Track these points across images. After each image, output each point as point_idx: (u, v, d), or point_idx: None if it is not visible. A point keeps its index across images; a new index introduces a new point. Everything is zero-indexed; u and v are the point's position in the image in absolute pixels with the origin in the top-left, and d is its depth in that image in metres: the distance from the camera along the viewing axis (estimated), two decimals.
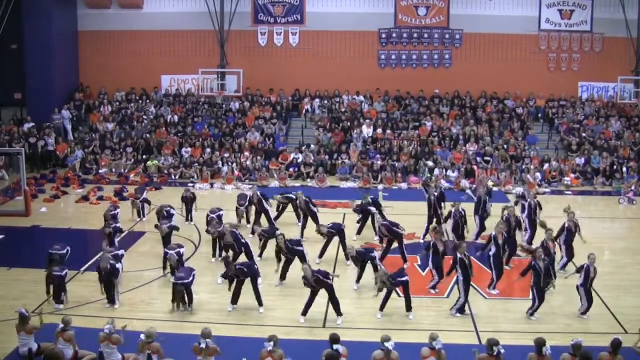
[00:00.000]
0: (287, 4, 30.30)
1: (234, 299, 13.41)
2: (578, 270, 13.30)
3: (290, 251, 14.81)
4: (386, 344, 9.75)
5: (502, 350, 9.73)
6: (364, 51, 30.46)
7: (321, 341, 10.38)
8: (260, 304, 13.37)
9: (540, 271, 12.98)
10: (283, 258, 14.96)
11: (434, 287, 14.59)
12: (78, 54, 30.91)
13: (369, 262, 14.54)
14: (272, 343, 9.93)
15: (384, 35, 30.40)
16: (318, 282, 12.73)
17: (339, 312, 12.93)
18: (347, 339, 11.27)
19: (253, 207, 18.64)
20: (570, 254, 15.66)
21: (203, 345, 10.18)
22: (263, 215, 18.43)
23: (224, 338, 10.86)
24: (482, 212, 17.96)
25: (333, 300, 12.89)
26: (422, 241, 17.85)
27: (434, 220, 17.97)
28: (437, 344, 10.02)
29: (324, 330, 12.15)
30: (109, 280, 13.36)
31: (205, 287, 14.41)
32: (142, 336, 10.22)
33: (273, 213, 18.82)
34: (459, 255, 13.14)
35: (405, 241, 16.56)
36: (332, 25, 30.03)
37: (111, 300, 13.49)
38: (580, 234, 15.74)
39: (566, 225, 15.65)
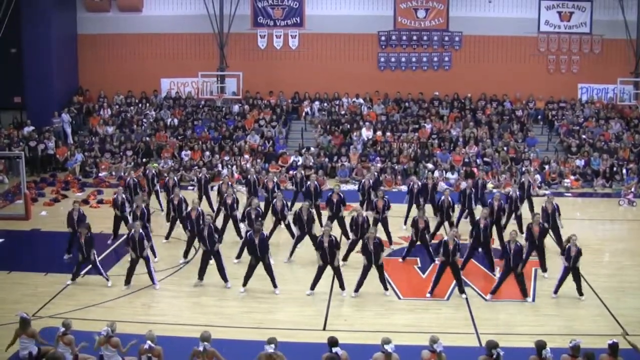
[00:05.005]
0: (286, 7, 30.33)
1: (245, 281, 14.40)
2: (562, 253, 14.00)
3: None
4: (386, 347, 9.72)
5: (502, 353, 9.71)
6: (364, 54, 30.50)
7: (321, 344, 10.36)
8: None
9: (509, 252, 13.68)
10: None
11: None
12: (77, 57, 30.94)
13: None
14: (272, 346, 9.89)
15: (383, 38, 30.43)
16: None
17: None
18: (348, 341, 11.25)
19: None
20: (557, 238, 16.46)
21: (201, 349, 10.14)
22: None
23: (224, 341, 10.81)
24: (469, 205, 18.33)
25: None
26: (404, 226, 18.81)
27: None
28: (437, 346, 9.98)
29: (324, 333, 12.13)
30: (137, 255, 14.33)
31: (207, 290, 14.39)
32: (149, 343, 10.13)
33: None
34: (446, 238, 13.99)
35: (404, 243, 16.77)
36: (332, 28, 30.08)
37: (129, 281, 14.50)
38: (559, 217, 16.49)
39: (542, 206, 16.56)
